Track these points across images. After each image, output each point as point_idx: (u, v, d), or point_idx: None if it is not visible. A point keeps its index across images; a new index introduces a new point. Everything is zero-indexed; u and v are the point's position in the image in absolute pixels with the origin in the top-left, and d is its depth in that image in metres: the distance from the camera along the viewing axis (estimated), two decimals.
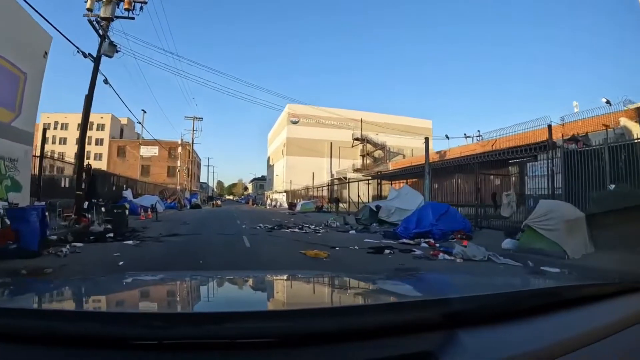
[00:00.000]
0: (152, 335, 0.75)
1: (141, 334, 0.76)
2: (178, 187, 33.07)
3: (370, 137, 52.84)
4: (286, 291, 1.63)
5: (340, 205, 27.75)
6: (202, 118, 42.67)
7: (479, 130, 29.01)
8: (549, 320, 0.94)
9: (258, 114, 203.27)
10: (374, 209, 14.84)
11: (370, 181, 28.30)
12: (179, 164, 33.15)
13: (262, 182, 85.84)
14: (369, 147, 52.94)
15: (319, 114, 52.45)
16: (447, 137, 30.78)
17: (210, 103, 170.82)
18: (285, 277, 2.07)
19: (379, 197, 25.05)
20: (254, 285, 1.74)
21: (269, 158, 71.79)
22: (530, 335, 0.86)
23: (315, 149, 50.58)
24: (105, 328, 0.78)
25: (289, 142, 50.72)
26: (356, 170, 47.45)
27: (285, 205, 42.82)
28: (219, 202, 37.25)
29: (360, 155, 53.52)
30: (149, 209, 20.92)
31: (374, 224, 14.42)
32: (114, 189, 19.90)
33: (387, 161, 54.14)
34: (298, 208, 27.31)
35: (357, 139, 52.74)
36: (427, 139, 15.97)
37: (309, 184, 39.90)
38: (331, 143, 51.94)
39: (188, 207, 32.46)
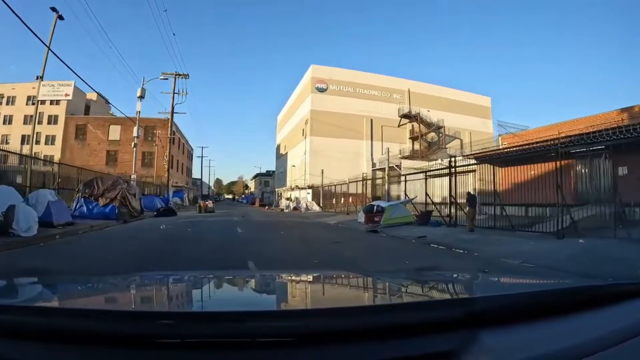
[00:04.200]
0: (175, 334, 0.74)
1: (164, 333, 0.75)
2: (133, 177, 18.05)
3: (423, 114, 38.36)
4: (306, 290, 1.60)
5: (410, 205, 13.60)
6: (187, 75, 27.84)
7: None
8: (572, 321, 0.91)
9: (261, 99, 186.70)
10: None
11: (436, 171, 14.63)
12: (135, 133, 18.25)
13: (268, 179, 71.08)
14: (420, 127, 38.49)
15: (354, 79, 37.71)
16: None
17: (205, 91, 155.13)
18: (304, 276, 1.98)
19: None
20: (274, 285, 1.71)
21: (278, 146, 56.96)
22: (553, 336, 0.83)
23: (348, 126, 35.81)
24: (129, 327, 0.77)
25: (313, 116, 35.85)
26: (405, 158, 33.47)
27: (316, 207, 27.99)
28: (209, 203, 22.21)
29: (410, 138, 38.99)
30: None
31: None
32: None
33: (445, 145, 39.87)
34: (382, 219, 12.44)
35: (405, 116, 38.17)
36: None
37: (354, 174, 25.06)
38: (371, 120, 37.16)
39: (156, 211, 17.68)
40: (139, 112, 18.89)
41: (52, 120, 43.97)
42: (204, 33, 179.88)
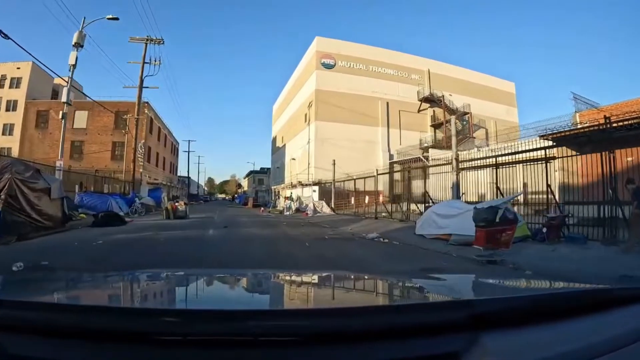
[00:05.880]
0: (177, 331, 0.74)
1: (165, 330, 0.75)
2: (59, 164, 11.76)
3: (446, 98, 32.55)
4: (309, 290, 1.57)
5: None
6: (162, 40, 21.82)
7: None
8: (575, 324, 0.90)
9: (258, 99, 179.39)
10: None
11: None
12: (64, 97, 12.21)
13: (262, 176, 64.75)
14: (440, 113, 32.67)
15: (366, 55, 31.69)
16: None
17: (200, 91, 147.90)
18: (309, 276, 1.93)
19: None
20: (278, 284, 1.68)
21: (274, 139, 50.82)
22: (559, 338, 0.83)
23: (360, 110, 29.81)
24: (131, 323, 0.78)
25: (319, 97, 29.77)
26: (428, 148, 27.80)
27: (326, 209, 21.87)
28: (179, 204, 15.63)
29: (432, 126, 33.18)
30: None
31: None
32: None
33: (472, 134, 34.08)
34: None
35: (426, 100, 32.34)
36: None
37: (362, 170, 18.91)
38: (387, 103, 31.20)
39: (94, 218, 11.58)
40: (74, 65, 12.85)
41: (11, 106, 37.33)
42: (199, 30, 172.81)
